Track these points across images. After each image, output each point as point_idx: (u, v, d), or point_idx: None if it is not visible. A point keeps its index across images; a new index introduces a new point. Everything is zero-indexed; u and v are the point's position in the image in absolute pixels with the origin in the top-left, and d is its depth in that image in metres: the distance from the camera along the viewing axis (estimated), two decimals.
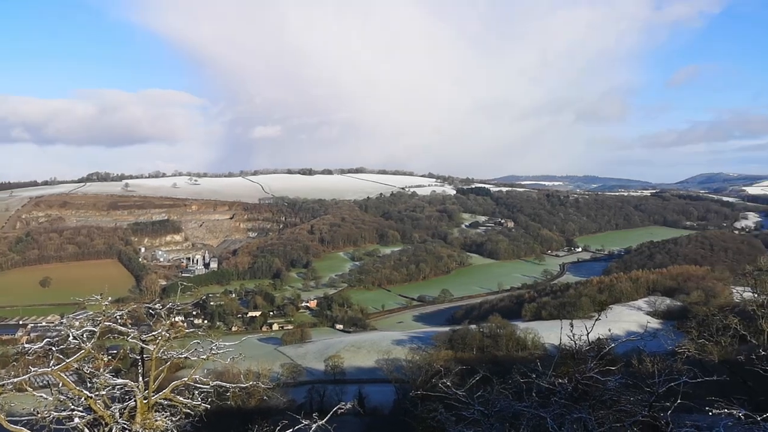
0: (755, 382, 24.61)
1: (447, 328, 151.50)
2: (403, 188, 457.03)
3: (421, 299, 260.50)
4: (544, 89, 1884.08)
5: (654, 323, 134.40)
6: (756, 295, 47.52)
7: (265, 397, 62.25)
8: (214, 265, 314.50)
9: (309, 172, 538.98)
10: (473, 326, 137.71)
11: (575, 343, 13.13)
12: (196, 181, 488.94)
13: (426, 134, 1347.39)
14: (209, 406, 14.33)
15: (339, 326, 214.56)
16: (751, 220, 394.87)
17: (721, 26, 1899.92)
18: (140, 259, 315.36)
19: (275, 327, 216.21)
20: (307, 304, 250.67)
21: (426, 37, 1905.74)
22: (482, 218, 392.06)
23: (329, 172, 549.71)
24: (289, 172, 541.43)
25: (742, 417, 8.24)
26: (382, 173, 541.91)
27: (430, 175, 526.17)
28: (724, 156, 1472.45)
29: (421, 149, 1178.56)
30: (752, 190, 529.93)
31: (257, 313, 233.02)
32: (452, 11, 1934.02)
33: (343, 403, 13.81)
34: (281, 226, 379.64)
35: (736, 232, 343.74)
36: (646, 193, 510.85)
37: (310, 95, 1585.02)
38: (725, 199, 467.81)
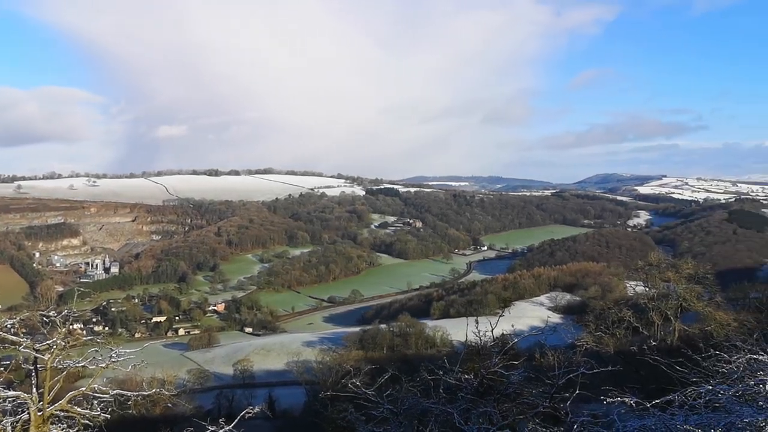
0: (647, 371, 26.07)
1: (357, 329, 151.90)
2: (312, 189, 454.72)
3: (332, 300, 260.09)
4: (453, 91, 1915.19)
5: (555, 318, 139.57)
6: (647, 289, 50.56)
7: (170, 405, 60.23)
8: (115, 270, 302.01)
9: (215, 173, 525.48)
10: (383, 326, 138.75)
11: (481, 340, 13.52)
12: (94, 182, 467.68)
13: (336, 135, 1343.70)
14: (109, 416, 13.77)
15: (248, 329, 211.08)
16: (643, 218, 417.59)
17: (616, 33, 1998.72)
18: (34, 265, 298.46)
19: (181, 332, 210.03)
20: (215, 308, 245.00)
21: (334, 36, 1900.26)
22: (391, 218, 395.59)
23: (236, 172, 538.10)
24: (195, 172, 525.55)
25: (634, 404, 8.71)
26: (290, 174, 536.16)
27: (339, 176, 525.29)
28: (618, 157, 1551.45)
29: (331, 150, 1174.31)
30: (643, 190, 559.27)
31: (162, 319, 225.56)
32: (359, 10, 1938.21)
33: (251, 407, 13.55)
34: (187, 228, 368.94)
35: (629, 229, 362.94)
36: (547, 192, 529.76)
37: (217, 94, 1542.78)
38: (619, 198, 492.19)
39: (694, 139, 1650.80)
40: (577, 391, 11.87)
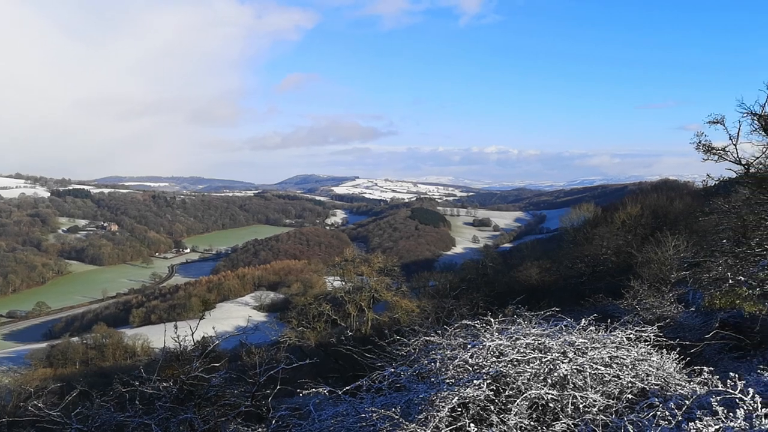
0: (344, 360, 27.83)
1: (44, 344, 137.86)
2: None
3: (12, 315, 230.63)
4: (155, 88, 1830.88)
5: (260, 317, 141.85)
6: (344, 283, 53.92)
7: None
8: None
9: None
10: (75, 338, 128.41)
11: (180, 345, 13.16)
12: None
13: (15, 130, 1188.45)
14: None
15: None
16: (339, 216, 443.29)
17: (317, 40, 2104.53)
18: None
19: None
20: None
21: (10, 20, 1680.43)
22: (83, 222, 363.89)
23: None
24: None
25: (327, 393, 9.24)
26: None
27: (18, 176, 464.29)
28: (319, 159, 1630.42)
29: (8, 147, 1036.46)
30: (339, 190, 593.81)
31: None
32: None
33: None
34: None
35: (328, 227, 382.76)
36: (250, 193, 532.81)
37: None
38: (318, 198, 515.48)
39: (384, 143, 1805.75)
40: (279, 387, 12.18)
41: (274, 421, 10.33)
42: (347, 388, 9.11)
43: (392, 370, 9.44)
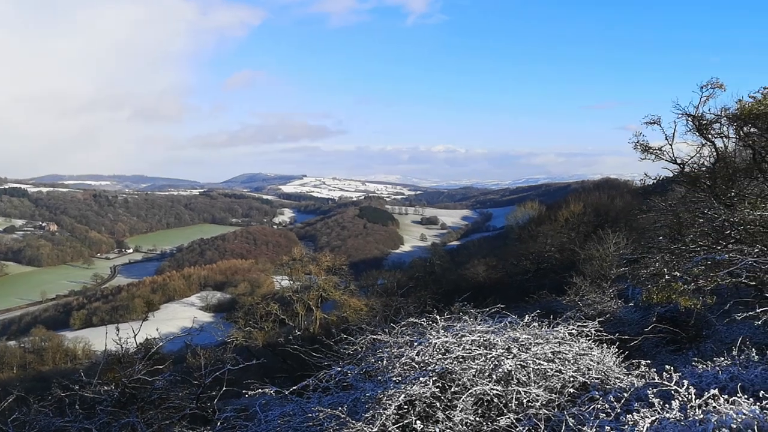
0: (292, 360, 27.65)
1: None
2: None
3: None
4: (97, 84, 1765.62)
5: (206, 317, 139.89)
6: (292, 282, 53.55)
7: None
8: None
9: None
10: (12, 342, 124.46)
11: (122, 347, 12.88)
12: None
13: None
14: None
15: None
16: (287, 215, 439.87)
17: (264, 37, 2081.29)
18: None
19: None
20: None
21: None
22: (19, 222, 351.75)
23: None
24: None
25: (274, 393, 9.20)
26: None
27: None
28: (265, 157, 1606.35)
29: None
30: (287, 189, 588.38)
31: None
32: None
33: None
34: None
35: (275, 226, 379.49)
36: (195, 192, 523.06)
37: None
38: (265, 197, 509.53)
39: (333, 141, 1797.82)
40: (225, 388, 12.04)
41: (219, 423, 10.23)
42: (294, 387, 9.08)
43: (339, 369, 9.46)
